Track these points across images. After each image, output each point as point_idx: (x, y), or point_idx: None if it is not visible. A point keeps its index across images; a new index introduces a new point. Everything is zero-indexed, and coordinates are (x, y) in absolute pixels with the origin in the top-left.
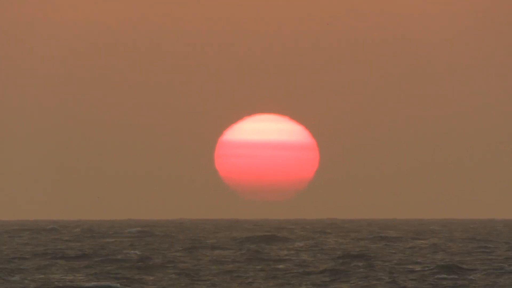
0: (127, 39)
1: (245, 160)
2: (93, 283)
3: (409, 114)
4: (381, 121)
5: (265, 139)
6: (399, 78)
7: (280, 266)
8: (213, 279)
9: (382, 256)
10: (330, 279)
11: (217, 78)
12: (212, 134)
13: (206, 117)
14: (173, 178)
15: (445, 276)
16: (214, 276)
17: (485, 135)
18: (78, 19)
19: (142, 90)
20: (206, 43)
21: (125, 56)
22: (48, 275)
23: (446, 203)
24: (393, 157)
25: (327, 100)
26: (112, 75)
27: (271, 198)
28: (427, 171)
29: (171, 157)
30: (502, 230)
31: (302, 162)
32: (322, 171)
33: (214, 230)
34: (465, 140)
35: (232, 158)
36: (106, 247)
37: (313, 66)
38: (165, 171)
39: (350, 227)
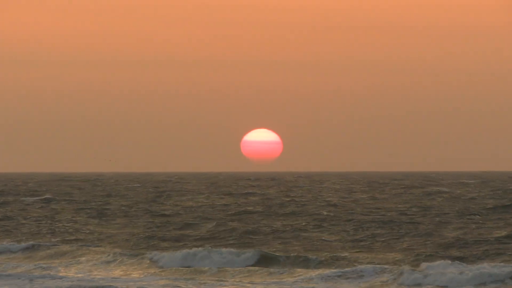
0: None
1: (253, 148)
2: None
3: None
4: (316, 131)
5: (261, 139)
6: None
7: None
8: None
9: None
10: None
11: (242, 112)
12: (239, 137)
13: (237, 129)
14: (224, 153)
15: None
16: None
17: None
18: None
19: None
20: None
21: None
22: None
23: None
24: (322, 147)
25: (288, 123)
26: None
27: (262, 163)
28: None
29: (223, 148)
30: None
31: (275, 149)
32: (283, 153)
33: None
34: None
35: (248, 148)
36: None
37: (284, 108)
38: (218, 152)
39: (290, 178)
